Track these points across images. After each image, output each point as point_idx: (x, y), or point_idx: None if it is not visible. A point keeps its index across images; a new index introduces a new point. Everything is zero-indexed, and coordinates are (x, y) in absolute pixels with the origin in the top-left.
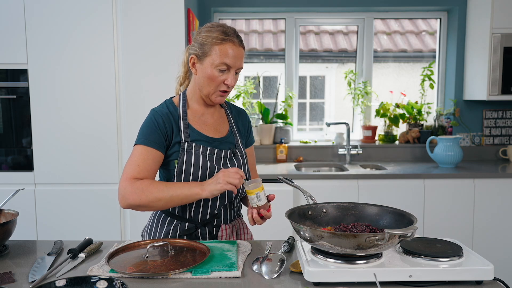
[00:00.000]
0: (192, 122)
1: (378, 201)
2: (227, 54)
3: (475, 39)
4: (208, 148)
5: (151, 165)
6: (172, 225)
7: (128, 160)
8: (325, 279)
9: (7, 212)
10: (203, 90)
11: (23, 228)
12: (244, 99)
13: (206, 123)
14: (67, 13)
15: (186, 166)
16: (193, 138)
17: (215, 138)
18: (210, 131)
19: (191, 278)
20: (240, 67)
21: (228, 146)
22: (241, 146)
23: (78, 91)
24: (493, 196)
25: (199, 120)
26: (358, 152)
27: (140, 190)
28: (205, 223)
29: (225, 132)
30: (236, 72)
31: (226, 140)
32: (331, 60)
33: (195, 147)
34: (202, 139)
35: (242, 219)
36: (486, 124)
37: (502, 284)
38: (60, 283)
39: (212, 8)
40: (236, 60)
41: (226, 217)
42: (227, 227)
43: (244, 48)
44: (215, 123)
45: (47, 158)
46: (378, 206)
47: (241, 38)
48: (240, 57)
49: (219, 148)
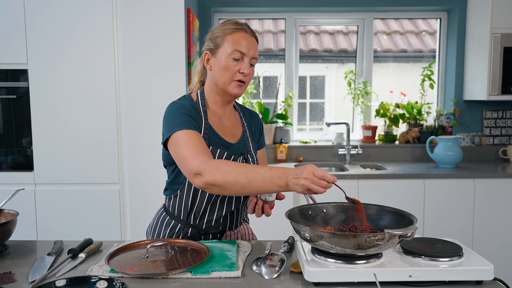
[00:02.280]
0: (211, 122)
1: (378, 201)
2: (240, 42)
3: (475, 39)
4: (225, 153)
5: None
6: (176, 228)
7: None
8: (325, 279)
9: (7, 212)
10: (219, 83)
11: (23, 228)
12: (244, 99)
13: (223, 125)
14: (67, 13)
15: None
16: (212, 140)
17: (232, 144)
18: (228, 135)
19: (191, 278)
20: (254, 57)
21: (240, 151)
22: (252, 151)
23: (78, 91)
24: (493, 196)
25: (218, 121)
26: (358, 152)
27: (216, 168)
28: (208, 230)
29: (239, 136)
30: (251, 63)
31: (239, 145)
32: (331, 60)
33: (212, 150)
34: (221, 143)
35: (248, 224)
36: (486, 124)
37: (502, 284)
38: (60, 283)
39: (212, 8)
40: (249, 48)
41: (232, 224)
42: (232, 233)
43: (258, 41)
44: (231, 126)
45: (47, 158)
46: (378, 206)
47: (253, 31)
48: (253, 46)
49: (234, 155)
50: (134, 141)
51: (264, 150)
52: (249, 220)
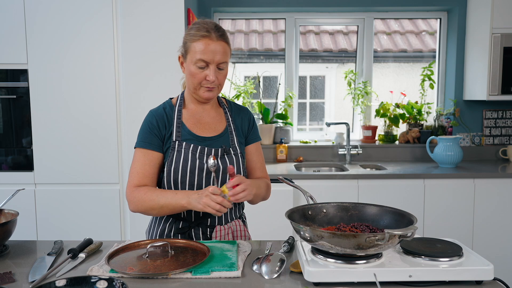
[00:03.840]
0: (186, 121)
1: (378, 201)
2: (203, 50)
3: (475, 39)
4: (198, 147)
5: (149, 169)
6: (168, 223)
7: (131, 165)
8: (325, 279)
9: (7, 212)
10: (190, 87)
11: (23, 228)
12: (244, 99)
13: (201, 121)
14: (68, 13)
15: (175, 165)
16: (184, 137)
17: (207, 137)
18: (204, 130)
19: (191, 278)
20: (220, 62)
21: (221, 144)
22: (236, 144)
23: (78, 91)
24: (493, 196)
25: (194, 119)
26: (358, 152)
27: (138, 199)
28: (198, 223)
29: (221, 130)
30: (219, 67)
31: (219, 138)
32: (331, 60)
33: (185, 146)
34: (193, 138)
35: (240, 221)
36: (486, 124)
37: (502, 284)
38: (60, 283)
39: (212, 8)
40: (213, 55)
41: (221, 218)
42: (222, 229)
43: (227, 42)
44: (211, 121)
45: (47, 158)
46: (378, 206)
47: (222, 33)
48: (218, 51)
49: (211, 147)
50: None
51: (258, 144)
52: (245, 218)
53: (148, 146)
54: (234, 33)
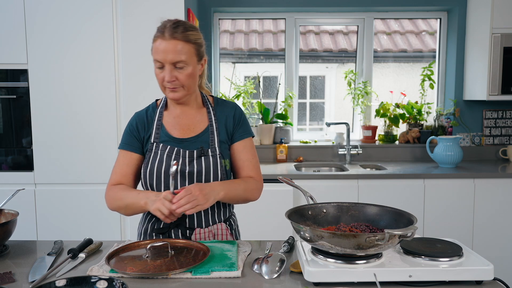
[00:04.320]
0: (166, 123)
1: (378, 201)
2: (157, 50)
3: (475, 39)
4: (174, 149)
5: (127, 170)
6: (151, 222)
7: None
8: (325, 279)
9: (7, 212)
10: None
11: (23, 228)
12: (244, 99)
13: (180, 123)
14: (68, 13)
15: (151, 164)
16: (162, 139)
17: (184, 139)
18: (182, 132)
19: (191, 278)
20: (174, 61)
21: (197, 146)
22: (216, 145)
23: (78, 91)
24: (493, 196)
25: (173, 120)
26: (358, 152)
27: (110, 197)
28: (177, 224)
29: (199, 131)
30: (177, 66)
31: (197, 139)
32: (331, 60)
33: (161, 147)
34: (170, 139)
35: (224, 224)
36: (486, 124)
37: (502, 284)
38: (60, 283)
39: (212, 8)
40: (165, 55)
41: (201, 221)
42: (202, 231)
43: (185, 40)
44: (190, 122)
45: (47, 158)
46: (378, 206)
47: (181, 30)
48: (170, 51)
49: (188, 149)
50: None
51: (247, 141)
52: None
53: (128, 147)
54: (234, 33)
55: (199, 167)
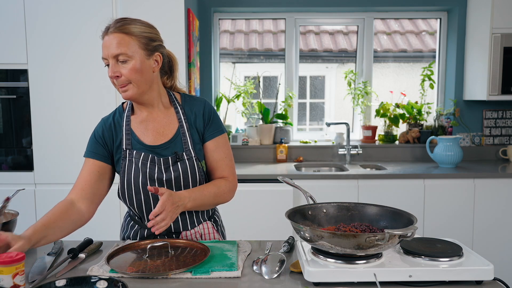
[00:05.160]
0: (135, 128)
1: (378, 201)
2: (102, 48)
3: (475, 39)
4: (149, 156)
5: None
6: (134, 229)
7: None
8: (325, 279)
9: (7, 212)
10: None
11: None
12: (244, 99)
13: (148, 128)
14: (68, 13)
15: (128, 175)
16: (134, 145)
17: (156, 146)
18: (151, 138)
19: (191, 278)
20: (115, 54)
21: (171, 151)
22: (191, 147)
23: (78, 91)
24: (493, 196)
25: (142, 125)
26: (358, 152)
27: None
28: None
29: (171, 135)
30: (120, 61)
31: (169, 145)
32: (331, 60)
33: (135, 154)
34: (142, 147)
35: (210, 223)
36: (486, 124)
37: (502, 284)
38: (60, 283)
39: (212, 8)
40: (107, 49)
41: (186, 223)
42: (189, 233)
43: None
44: (158, 126)
45: (47, 158)
46: (378, 206)
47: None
48: (111, 44)
49: (161, 155)
50: None
51: (219, 139)
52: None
53: (93, 155)
54: (234, 33)
55: (176, 173)
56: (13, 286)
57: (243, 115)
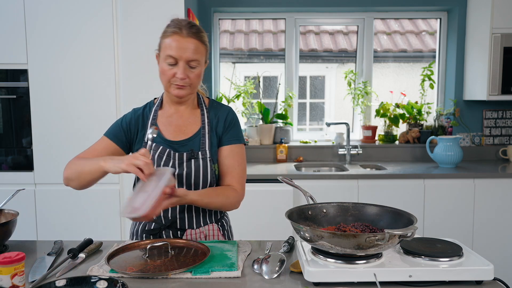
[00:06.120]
0: (160, 123)
1: (378, 201)
2: (172, 46)
3: (475, 39)
4: (166, 150)
5: (98, 150)
6: (141, 223)
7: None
8: (325, 279)
9: (7, 212)
10: (163, 85)
11: (23, 228)
12: (244, 99)
13: (172, 124)
14: (68, 13)
15: None
16: (156, 139)
17: (175, 141)
18: (173, 133)
19: (191, 278)
20: (190, 59)
21: (188, 148)
22: (207, 148)
23: (78, 91)
24: (493, 196)
25: (166, 121)
26: (358, 152)
27: (70, 163)
28: (168, 225)
29: (191, 133)
30: (190, 66)
31: (187, 142)
32: (331, 60)
33: (154, 147)
34: (162, 141)
35: (216, 225)
36: (486, 124)
37: (502, 284)
38: (60, 283)
39: (212, 8)
40: (182, 52)
41: (192, 222)
42: (193, 232)
43: (200, 41)
44: (182, 124)
45: (47, 158)
46: (378, 206)
47: (195, 30)
48: (188, 48)
49: (177, 151)
50: None
51: (235, 147)
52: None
53: (109, 135)
54: (234, 33)
55: (189, 169)
56: (12, 286)
57: (243, 115)
